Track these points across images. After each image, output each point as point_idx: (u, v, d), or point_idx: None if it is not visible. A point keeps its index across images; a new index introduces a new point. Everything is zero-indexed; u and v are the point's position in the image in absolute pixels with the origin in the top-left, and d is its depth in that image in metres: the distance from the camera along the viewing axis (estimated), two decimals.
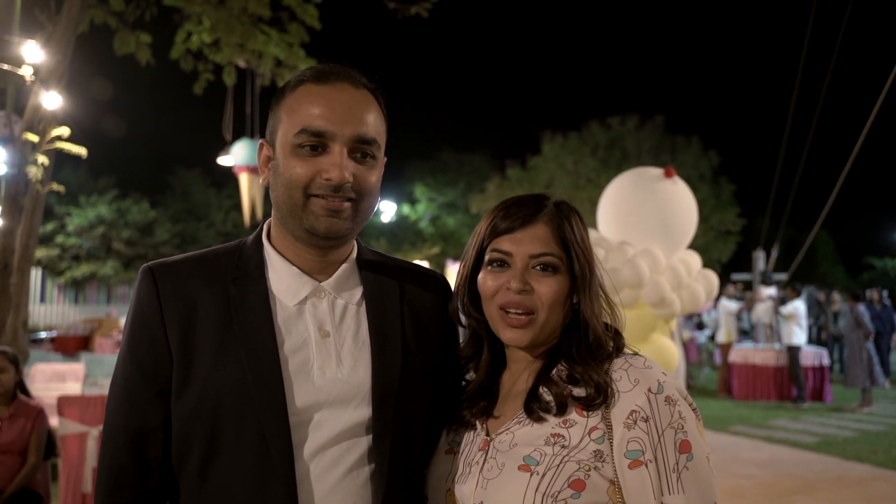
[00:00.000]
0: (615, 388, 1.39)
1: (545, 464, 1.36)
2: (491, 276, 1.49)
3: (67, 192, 5.09)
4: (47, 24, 6.86)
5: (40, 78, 6.13)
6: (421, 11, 8.41)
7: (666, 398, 1.38)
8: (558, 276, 1.46)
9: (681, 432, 1.36)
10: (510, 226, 1.48)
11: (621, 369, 1.42)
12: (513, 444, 1.42)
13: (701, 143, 26.00)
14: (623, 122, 25.81)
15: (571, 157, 24.90)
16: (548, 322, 1.46)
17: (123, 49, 7.97)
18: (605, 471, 1.35)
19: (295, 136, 1.37)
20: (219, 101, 10.49)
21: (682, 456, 1.35)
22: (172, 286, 1.39)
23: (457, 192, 32.27)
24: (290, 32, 8.62)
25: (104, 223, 27.38)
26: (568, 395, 1.41)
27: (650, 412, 1.36)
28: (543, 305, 1.45)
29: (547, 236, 1.47)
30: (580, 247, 1.48)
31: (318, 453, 1.35)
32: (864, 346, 12.01)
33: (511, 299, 1.45)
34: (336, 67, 1.43)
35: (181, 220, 30.17)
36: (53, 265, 27.06)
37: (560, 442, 1.38)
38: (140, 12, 8.06)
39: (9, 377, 4.63)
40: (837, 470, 7.71)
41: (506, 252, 1.47)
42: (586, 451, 1.36)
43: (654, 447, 1.34)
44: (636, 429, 1.35)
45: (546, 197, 1.53)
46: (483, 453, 1.45)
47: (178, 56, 8.46)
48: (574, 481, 1.34)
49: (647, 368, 1.42)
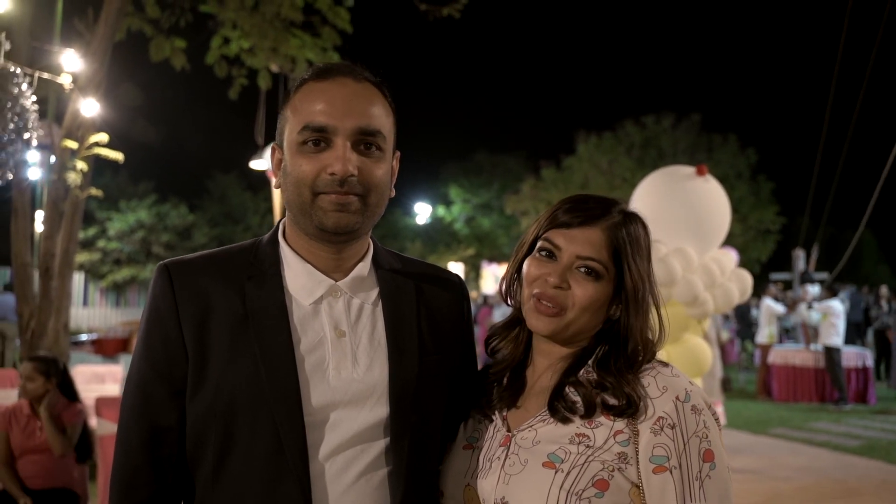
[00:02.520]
0: (643, 395, 1.41)
1: (570, 462, 1.37)
2: (536, 263, 1.50)
3: (108, 197, 5.21)
4: (86, 32, 7.01)
5: (79, 86, 6.27)
6: (452, 13, 8.42)
7: (692, 407, 1.40)
8: (599, 284, 1.46)
9: (705, 441, 1.38)
10: (569, 221, 1.48)
11: (649, 376, 1.44)
12: (536, 441, 1.43)
13: (738, 141, 25.63)
14: (658, 121, 25.58)
15: (606, 157, 24.77)
16: (574, 323, 1.46)
17: (159, 55, 8.13)
18: (629, 473, 1.37)
19: (298, 134, 1.37)
20: (253, 105, 10.63)
21: (705, 464, 1.37)
22: (188, 284, 1.39)
23: (491, 194, 32.25)
24: (322, 36, 8.71)
25: (144, 227, 27.87)
26: (597, 400, 1.42)
27: (677, 419, 1.38)
28: (574, 306, 1.45)
29: (601, 242, 1.46)
30: (633, 261, 1.47)
31: (332, 454, 1.34)
32: None
33: (546, 291, 1.46)
34: (338, 64, 1.43)
35: (219, 223, 30.58)
36: (95, 269, 27.62)
37: (584, 442, 1.39)
38: (175, 19, 8.22)
39: (36, 386, 4.66)
40: (881, 475, 7.50)
41: (556, 245, 1.47)
42: (610, 452, 1.37)
43: (678, 454, 1.36)
44: (662, 435, 1.37)
45: (616, 203, 1.52)
46: (504, 449, 1.45)
47: (214, 61, 8.59)
48: (598, 481, 1.35)
49: (675, 377, 1.44)
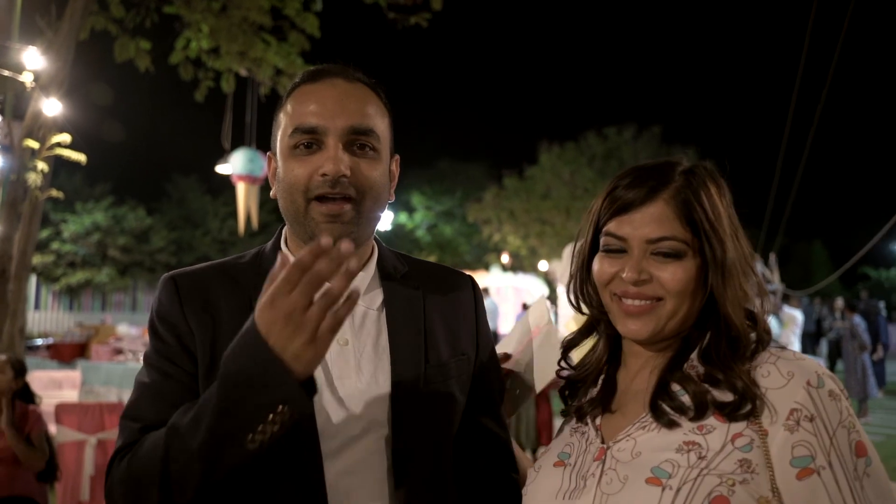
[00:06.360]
0: (763, 386, 1.17)
1: (679, 476, 1.13)
2: (606, 261, 1.29)
3: (63, 199, 5.06)
4: (48, 30, 6.85)
5: (40, 84, 6.12)
6: (420, 21, 8.43)
7: (829, 392, 1.15)
8: (684, 262, 1.23)
9: (854, 432, 1.14)
10: (627, 204, 1.26)
11: (768, 363, 1.20)
12: (636, 453, 1.20)
13: (697, 153, 26.10)
14: (620, 132, 25.93)
15: (568, 168, 25.00)
16: (676, 312, 1.25)
17: (123, 56, 7.99)
18: (756, 485, 1.11)
19: (290, 138, 1.33)
20: (216, 109, 10.50)
21: (860, 460, 1.13)
22: (196, 294, 1.35)
23: (454, 201, 32.32)
24: (289, 41, 8.65)
25: (100, 230, 27.26)
26: (708, 397, 1.19)
27: (815, 410, 1.13)
28: (669, 293, 1.23)
29: (669, 216, 1.24)
30: (711, 224, 1.23)
31: (337, 466, 1.29)
32: (860, 358, 12.03)
33: (627, 289, 1.26)
34: (330, 66, 1.39)
35: (177, 227, 30.06)
36: (48, 272, 26.93)
37: (696, 451, 1.15)
38: (140, 19, 8.09)
39: (7, 378, 4.52)
40: None
41: (620, 237, 1.27)
42: (729, 461, 1.13)
43: (825, 451, 1.11)
44: (801, 430, 1.12)
45: (673, 165, 1.29)
46: (599, 464, 1.24)
47: (178, 62, 8.47)
48: (716, 497, 1.10)
49: (800, 360, 1.19)
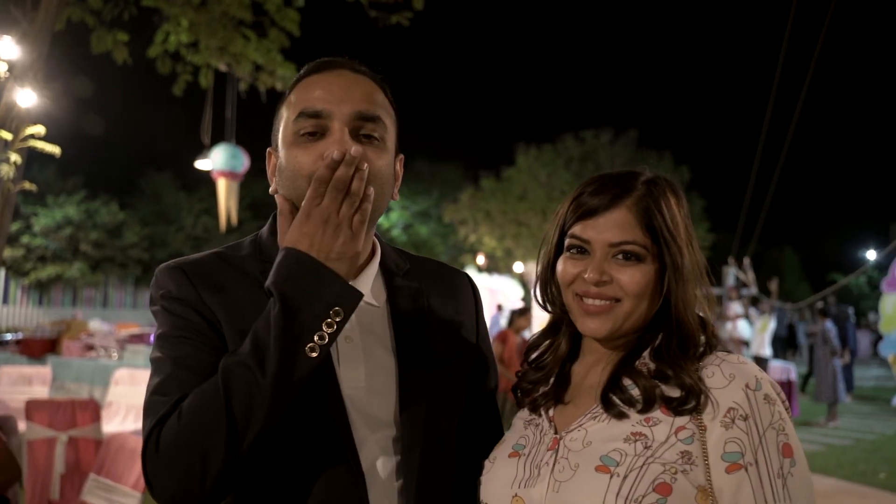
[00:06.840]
0: (707, 385, 1.25)
1: (626, 464, 1.21)
2: (570, 262, 1.37)
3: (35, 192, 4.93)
4: (22, 20, 6.73)
5: (15, 75, 6.02)
6: (402, 21, 8.40)
7: (765, 396, 1.24)
8: (643, 266, 1.32)
9: (782, 434, 1.23)
10: (592, 209, 1.34)
11: (713, 365, 1.29)
12: (587, 443, 1.28)
13: (673, 158, 26.33)
14: (597, 135, 26.02)
15: (545, 170, 25.06)
16: (633, 313, 1.33)
17: (100, 48, 7.87)
18: (694, 475, 1.21)
19: (294, 123, 1.30)
20: (193, 104, 10.37)
21: (785, 460, 1.22)
22: (206, 278, 1.31)
23: (430, 202, 32.29)
24: (269, 37, 8.58)
25: (72, 224, 26.88)
26: (657, 392, 1.27)
27: (749, 410, 1.22)
28: (628, 294, 1.32)
29: (631, 222, 1.32)
30: (670, 232, 1.32)
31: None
32: (831, 363, 12.22)
33: (588, 290, 1.33)
34: (337, 58, 1.38)
35: (150, 222, 29.70)
36: (18, 266, 26.51)
37: (643, 441, 1.23)
38: (118, 11, 7.98)
39: None
40: None
41: (584, 239, 1.35)
42: (672, 451, 1.22)
43: (754, 449, 1.20)
44: (734, 428, 1.21)
45: (637, 175, 1.38)
46: (553, 453, 1.31)
47: (156, 55, 8.37)
48: (659, 485, 1.19)
49: (742, 364, 1.28)
